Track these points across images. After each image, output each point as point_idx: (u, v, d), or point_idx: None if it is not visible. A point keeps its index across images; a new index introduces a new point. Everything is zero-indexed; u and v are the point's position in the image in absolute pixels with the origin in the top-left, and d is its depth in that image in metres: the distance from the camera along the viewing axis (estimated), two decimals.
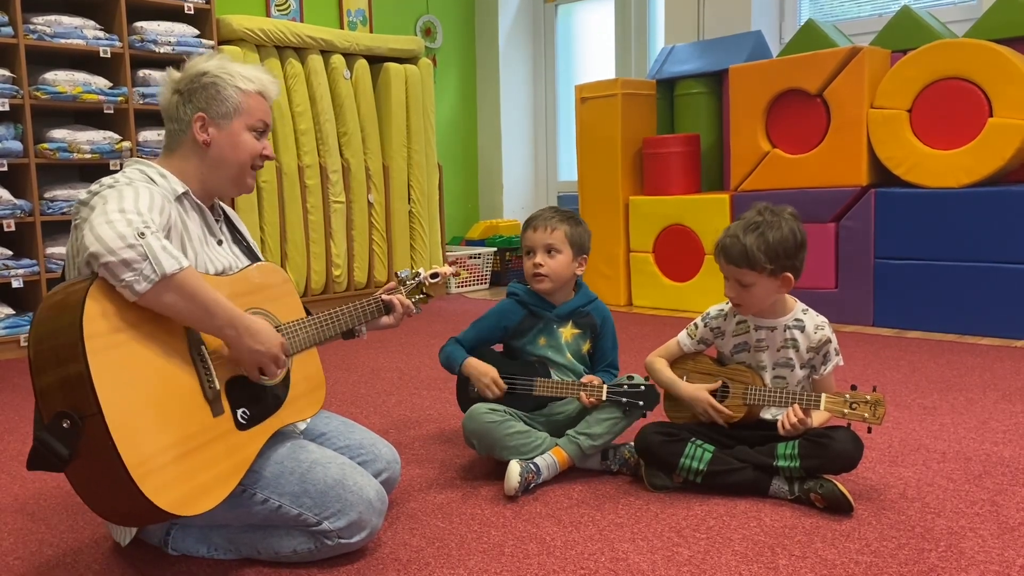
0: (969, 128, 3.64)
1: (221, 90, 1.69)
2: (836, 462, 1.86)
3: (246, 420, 1.56)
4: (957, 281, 3.70)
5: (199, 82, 1.69)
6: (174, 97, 1.70)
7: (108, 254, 1.34)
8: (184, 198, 1.66)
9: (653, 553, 1.65)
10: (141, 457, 1.33)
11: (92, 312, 1.34)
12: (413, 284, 2.04)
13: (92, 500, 1.41)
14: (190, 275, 1.42)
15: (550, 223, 2.16)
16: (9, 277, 3.86)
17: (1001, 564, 1.56)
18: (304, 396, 1.73)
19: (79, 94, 4.01)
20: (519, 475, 1.96)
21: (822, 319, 2.01)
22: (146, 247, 1.36)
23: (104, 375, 1.31)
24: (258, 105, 1.74)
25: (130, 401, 1.35)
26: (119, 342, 1.37)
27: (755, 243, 1.90)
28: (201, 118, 1.68)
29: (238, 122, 1.71)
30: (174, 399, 1.43)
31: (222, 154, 1.71)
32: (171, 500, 1.36)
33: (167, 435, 1.39)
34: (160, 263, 1.37)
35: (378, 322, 1.95)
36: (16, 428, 2.74)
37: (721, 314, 2.07)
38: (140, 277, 1.35)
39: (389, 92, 5.24)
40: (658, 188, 4.67)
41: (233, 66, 1.73)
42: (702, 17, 5.25)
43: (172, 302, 1.40)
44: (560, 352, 2.19)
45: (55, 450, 1.31)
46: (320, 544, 1.61)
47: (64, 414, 1.31)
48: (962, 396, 2.73)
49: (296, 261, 4.90)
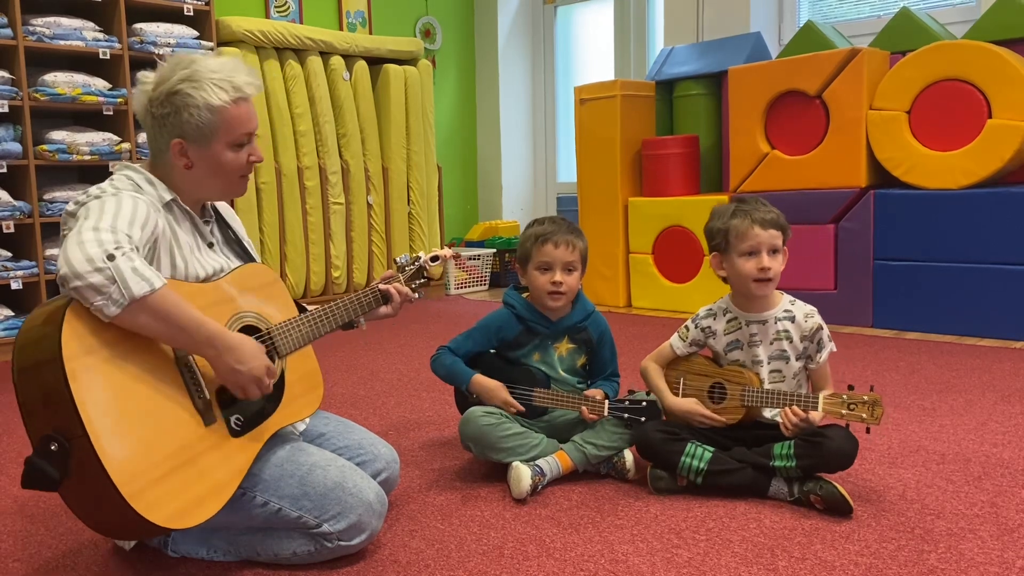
0: (968, 129, 3.64)
1: (194, 112, 1.58)
2: (832, 461, 1.86)
3: (240, 427, 1.55)
4: (956, 282, 3.70)
5: (171, 104, 1.59)
6: (148, 118, 1.63)
7: (75, 278, 1.32)
8: (173, 204, 1.64)
9: (653, 555, 1.65)
10: (131, 475, 1.33)
11: (70, 334, 1.33)
12: (413, 269, 2.01)
13: (87, 518, 1.41)
14: (163, 296, 1.38)
15: (571, 240, 2.11)
16: (8, 279, 3.86)
17: (1001, 566, 1.56)
18: (301, 397, 1.72)
19: (78, 95, 4.01)
20: (530, 478, 1.96)
21: (810, 308, 2.02)
22: (114, 270, 1.33)
23: (86, 396, 1.31)
24: (237, 116, 1.62)
25: (116, 420, 1.34)
26: (100, 361, 1.36)
27: (776, 211, 1.98)
28: (179, 144, 1.61)
29: (217, 143, 1.62)
30: (162, 413, 1.42)
31: (204, 174, 1.65)
32: (165, 515, 1.36)
33: (157, 450, 1.39)
34: (129, 287, 1.34)
35: (376, 312, 1.92)
36: (16, 429, 2.74)
37: (710, 314, 2.07)
38: (109, 301, 1.33)
39: (388, 93, 5.24)
40: (657, 189, 4.67)
41: (205, 75, 1.59)
42: (701, 18, 5.26)
43: (146, 323, 1.38)
44: (553, 368, 2.18)
45: (46, 473, 1.31)
46: (320, 546, 1.61)
47: (51, 437, 1.31)
48: (961, 397, 2.73)
49: (295, 262, 4.90)
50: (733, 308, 2.05)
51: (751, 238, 1.95)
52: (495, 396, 2.09)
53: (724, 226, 1.98)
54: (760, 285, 1.96)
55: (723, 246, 2.00)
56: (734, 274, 1.99)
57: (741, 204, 2.00)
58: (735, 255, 1.97)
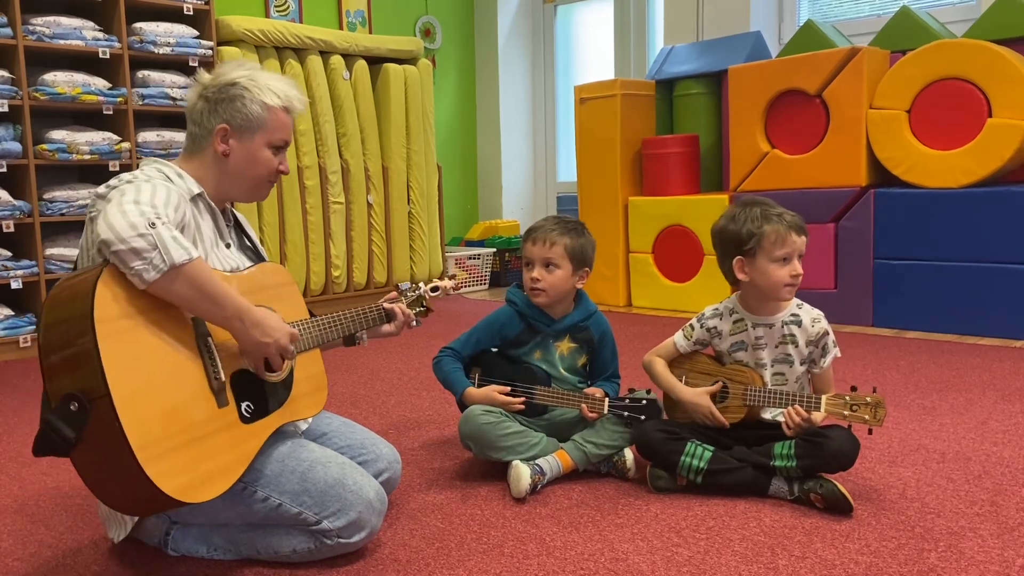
0: (968, 128, 3.64)
1: (248, 103, 1.69)
2: (833, 461, 1.86)
3: (250, 414, 1.57)
4: (956, 281, 3.70)
5: (227, 92, 1.69)
6: (200, 102, 1.71)
7: (119, 242, 1.36)
8: (199, 199, 1.68)
9: (653, 553, 1.65)
10: (147, 441, 1.34)
11: (103, 297, 1.36)
12: (413, 296, 2.07)
13: (97, 486, 1.41)
14: (199, 266, 1.43)
15: (549, 236, 2.11)
16: (8, 278, 3.86)
17: (1001, 564, 1.56)
18: (307, 396, 1.73)
19: (78, 95, 4.01)
20: (529, 477, 1.96)
21: (817, 312, 2.02)
22: (156, 237, 1.38)
23: (113, 358, 1.33)
24: (282, 122, 1.74)
25: (138, 386, 1.36)
26: (128, 327, 1.39)
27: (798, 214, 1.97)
28: (224, 129, 1.69)
29: (259, 137, 1.72)
30: (181, 387, 1.44)
31: (239, 166, 1.72)
32: (175, 486, 1.37)
33: (173, 422, 1.40)
34: (169, 252, 1.38)
35: (379, 330, 1.98)
36: (15, 429, 2.74)
37: (716, 314, 2.07)
38: (149, 266, 1.37)
39: (388, 93, 5.24)
40: (657, 189, 4.67)
41: (263, 78, 1.73)
42: (701, 18, 5.26)
43: (181, 291, 1.42)
44: (554, 366, 2.18)
45: (62, 432, 1.32)
46: (319, 543, 1.61)
47: (72, 396, 1.32)
48: (962, 396, 2.73)
49: (295, 262, 4.90)
50: (740, 309, 2.04)
51: (788, 244, 1.93)
52: (492, 400, 2.09)
53: (757, 231, 1.93)
54: (790, 290, 1.96)
55: (753, 251, 1.95)
56: (763, 279, 1.95)
57: (766, 208, 1.96)
58: (767, 260, 1.93)
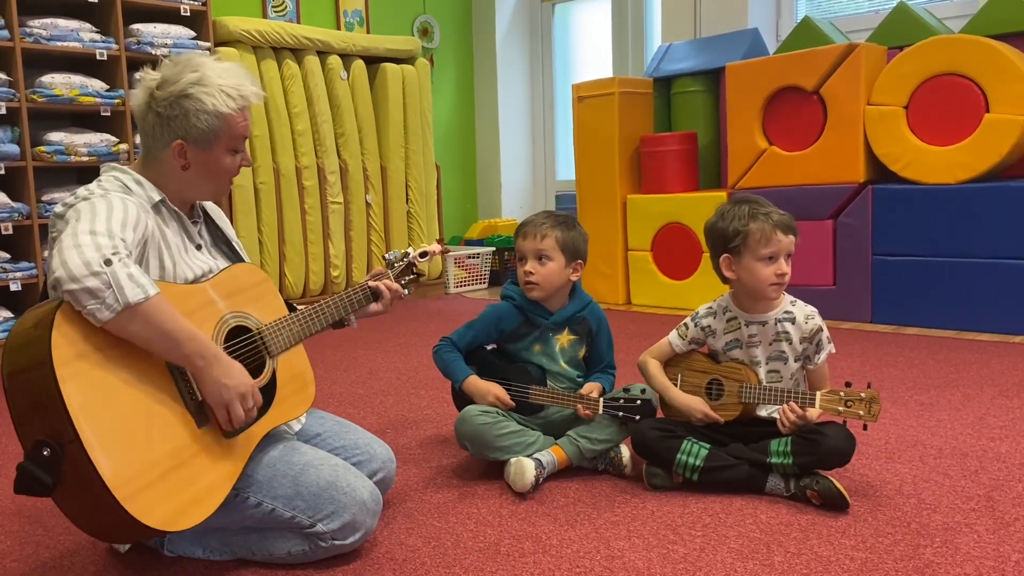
0: (966, 124, 3.63)
1: (202, 116, 1.59)
2: (829, 458, 1.86)
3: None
4: (955, 277, 3.70)
5: (179, 107, 1.59)
6: (151, 116, 1.62)
7: (71, 281, 1.32)
8: (161, 205, 1.63)
9: (649, 551, 1.65)
10: (124, 479, 1.33)
11: (59, 340, 1.33)
12: (403, 265, 2.00)
13: (82, 523, 1.41)
14: (156, 304, 1.38)
15: (540, 230, 2.12)
16: (7, 280, 3.86)
17: (996, 559, 1.56)
18: (292, 396, 1.71)
19: (76, 97, 4.01)
20: (534, 470, 1.96)
21: (811, 308, 2.01)
22: (111, 275, 1.33)
23: (78, 400, 1.31)
24: (239, 123, 1.65)
25: (108, 424, 1.34)
26: (90, 366, 1.36)
27: (787, 213, 1.95)
28: (180, 145, 1.61)
29: (218, 148, 1.64)
30: (154, 416, 1.42)
31: (200, 175, 1.66)
32: (160, 518, 1.36)
33: (150, 453, 1.39)
34: (124, 292, 1.34)
35: (367, 310, 1.91)
36: (14, 431, 2.73)
37: (710, 312, 2.07)
38: (103, 306, 1.33)
39: (386, 92, 5.24)
40: (656, 186, 4.67)
41: (213, 77, 1.61)
42: (699, 15, 5.25)
43: (136, 330, 1.38)
44: (554, 360, 2.18)
45: (39, 478, 1.31)
46: (314, 546, 1.61)
47: (43, 442, 1.31)
48: (959, 392, 2.73)
49: (294, 262, 4.90)
50: (733, 308, 2.04)
51: (773, 244, 1.91)
52: (487, 395, 2.09)
53: (743, 229, 1.92)
54: (776, 289, 1.95)
55: (739, 249, 1.94)
56: (749, 277, 1.94)
57: (755, 206, 1.94)
58: (752, 259, 1.92)
